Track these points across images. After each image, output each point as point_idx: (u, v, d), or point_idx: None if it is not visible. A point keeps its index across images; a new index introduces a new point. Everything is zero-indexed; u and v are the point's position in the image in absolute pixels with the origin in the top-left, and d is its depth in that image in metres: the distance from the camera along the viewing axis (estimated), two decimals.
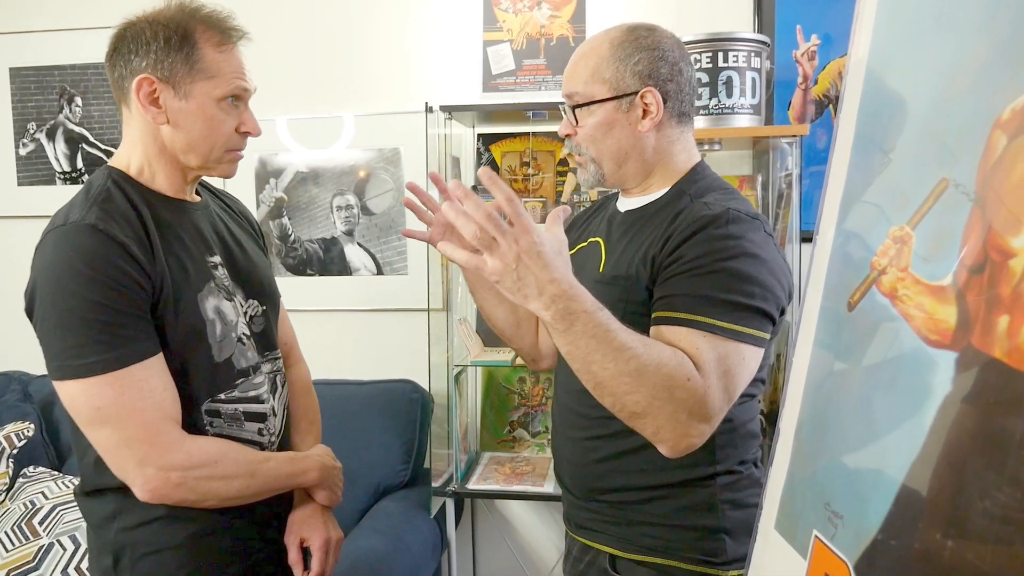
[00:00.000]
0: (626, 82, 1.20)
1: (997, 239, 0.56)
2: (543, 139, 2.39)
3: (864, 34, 0.83)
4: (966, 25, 0.65)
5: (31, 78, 2.66)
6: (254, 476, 1.19)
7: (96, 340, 1.06)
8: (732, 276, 1.09)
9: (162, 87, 1.14)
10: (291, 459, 1.28)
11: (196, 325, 1.16)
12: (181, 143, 1.17)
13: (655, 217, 1.22)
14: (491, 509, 2.55)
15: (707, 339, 1.06)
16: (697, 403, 1.02)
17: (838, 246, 0.84)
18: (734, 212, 1.13)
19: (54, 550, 2.01)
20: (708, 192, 1.21)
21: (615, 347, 0.98)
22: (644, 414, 1.02)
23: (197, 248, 1.21)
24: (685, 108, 1.24)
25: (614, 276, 1.22)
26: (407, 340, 2.49)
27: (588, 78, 1.21)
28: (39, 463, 2.33)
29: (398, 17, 2.46)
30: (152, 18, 1.16)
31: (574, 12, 2.26)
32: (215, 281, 1.21)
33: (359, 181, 2.51)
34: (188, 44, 1.13)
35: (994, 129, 0.58)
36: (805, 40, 2.15)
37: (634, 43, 1.20)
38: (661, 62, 1.20)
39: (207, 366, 1.18)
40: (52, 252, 1.09)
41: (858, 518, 0.71)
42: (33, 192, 2.70)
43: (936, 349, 0.62)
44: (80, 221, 1.08)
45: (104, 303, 1.06)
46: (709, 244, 1.11)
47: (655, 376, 0.99)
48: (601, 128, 1.21)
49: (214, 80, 1.15)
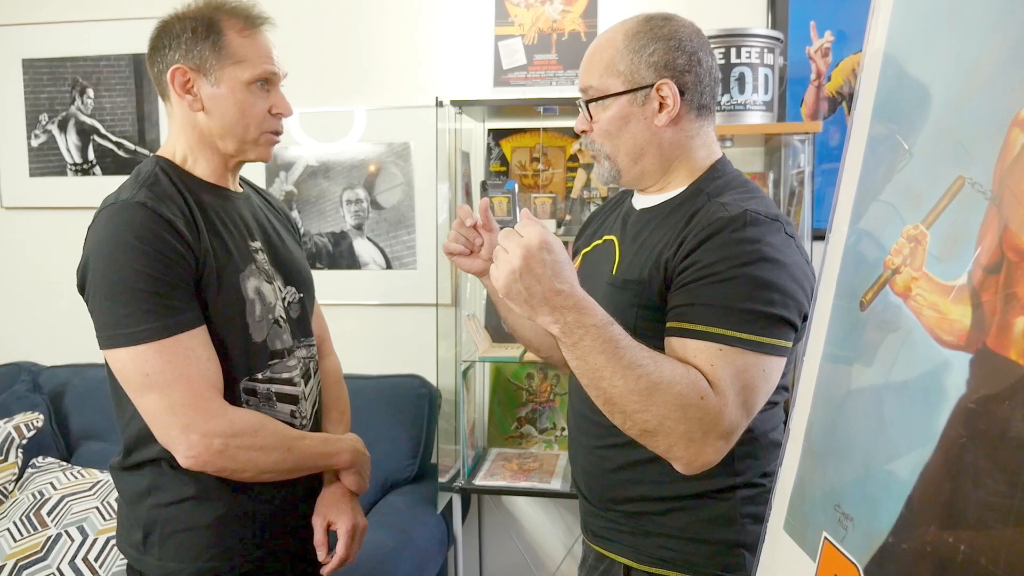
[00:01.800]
0: (641, 74, 1.14)
1: (1014, 238, 0.55)
2: (553, 135, 2.38)
3: (880, 30, 0.82)
4: (982, 22, 0.64)
5: (43, 69, 2.67)
6: (291, 450, 1.23)
7: (145, 310, 1.11)
8: (750, 283, 1.04)
9: (195, 76, 1.21)
10: (325, 440, 1.32)
11: (237, 303, 1.22)
12: (217, 128, 1.23)
13: (670, 217, 1.17)
14: (498, 505, 2.55)
15: (723, 353, 1.02)
16: (712, 421, 0.99)
17: (851, 245, 0.83)
18: (752, 214, 1.07)
19: (62, 541, 2.02)
20: (727, 190, 1.15)
21: (625, 364, 0.97)
22: (656, 432, 1.00)
23: (239, 232, 1.27)
24: (705, 101, 1.18)
25: (626, 280, 1.17)
26: (415, 335, 2.49)
27: (603, 71, 1.16)
28: (48, 454, 2.34)
29: (409, 11, 2.46)
30: (181, 13, 1.23)
31: (586, 7, 2.25)
32: (256, 264, 1.27)
33: (369, 175, 2.51)
34: (214, 32, 1.20)
35: (1012, 127, 0.57)
36: (819, 36, 2.14)
37: (649, 33, 1.14)
38: (678, 52, 1.14)
39: (245, 344, 1.23)
40: (103, 228, 1.15)
41: (869, 520, 0.70)
42: (45, 183, 2.71)
43: (950, 350, 0.61)
44: (130, 199, 1.15)
45: (153, 274, 1.11)
46: (726, 249, 1.05)
47: (666, 395, 0.98)
48: (616, 123, 1.16)
49: (242, 64, 1.21)
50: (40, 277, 2.75)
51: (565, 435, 2.42)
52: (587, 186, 2.22)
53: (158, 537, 1.22)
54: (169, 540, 1.21)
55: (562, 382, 2.43)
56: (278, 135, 1.29)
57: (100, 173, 2.68)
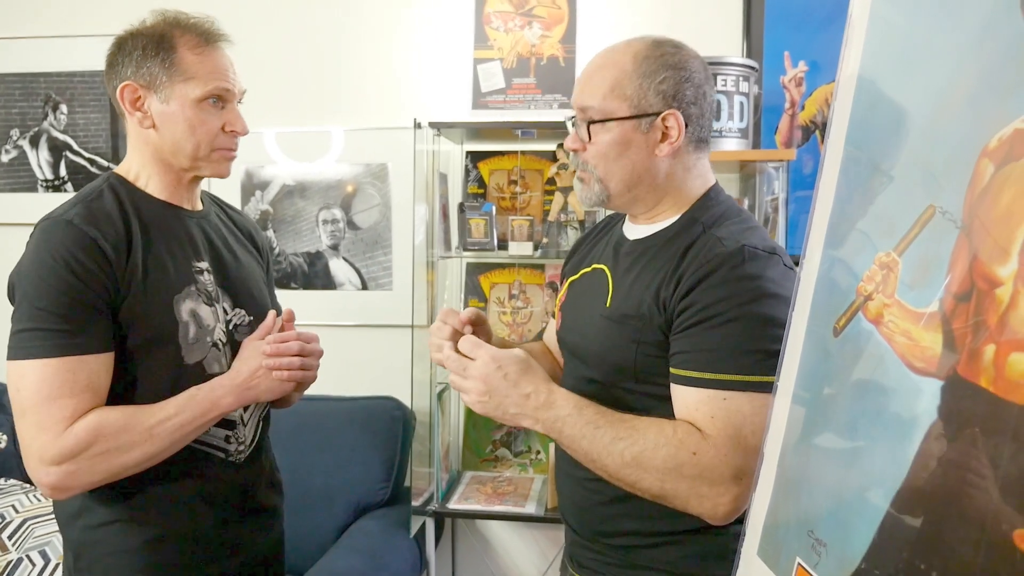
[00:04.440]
0: (648, 101, 1.10)
1: (983, 267, 0.56)
2: (531, 158, 2.39)
3: (853, 59, 0.83)
4: (955, 53, 0.65)
5: (16, 84, 2.64)
6: (153, 435, 1.14)
7: (39, 328, 1.10)
8: (754, 323, 1.02)
9: (145, 93, 1.20)
10: (191, 397, 1.18)
11: (167, 325, 1.19)
12: (168, 145, 1.21)
13: (665, 249, 1.13)
14: (472, 529, 2.52)
15: (728, 401, 1.01)
16: (713, 473, 1.00)
17: (824, 271, 0.84)
18: (750, 249, 1.04)
19: (23, 565, 1.97)
20: (722, 221, 1.12)
21: (606, 443, 1.02)
22: (663, 496, 1.03)
23: (184, 252, 1.24)
24: (704, 134, 1.16)
25: (624, 315, 1.13)
26: (390, 356, 2.48)
27: (607, 92, 1.11)
28: (10, 475, 2.28)
29: (389, 33, 2.47)
30: (135, 30, 1.22)
31: (565, 32, 2.27)
32: (197, 285, 1.24)
33: (346, 196, 2.50)
34: (165, 49, 1.19)
35: (981, 157, 0.58)
36: (793, 66, 2.18)
37: (660, 59, 1.11)
38: (687, 84, 1.12)
39: (175, 367, 1.20)
40: (31, 243, 1.16)
41: (842, 546, 0.70)
42: (14, 199, 2.67)
43: (921, 376, 0.62)
44: (60, 217, 1.14)
45: (57, 295, 1.10)
46: (725, 288, 1.03)
47: (655, 459, 1.01)
48: (616, 147, 1.12)
49: (192, 82, 1.19)
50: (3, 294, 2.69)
51: (540, 458, 2.41)
52: (564, 209, 2.23)
53: (87, 561, 1.19)
54: (99, 563, 1.19)
55: None
56: (232, 151, 1.26)
57: (71, 190, 2.64)
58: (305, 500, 2.17)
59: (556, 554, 2.47)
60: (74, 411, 1.10)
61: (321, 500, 2.22)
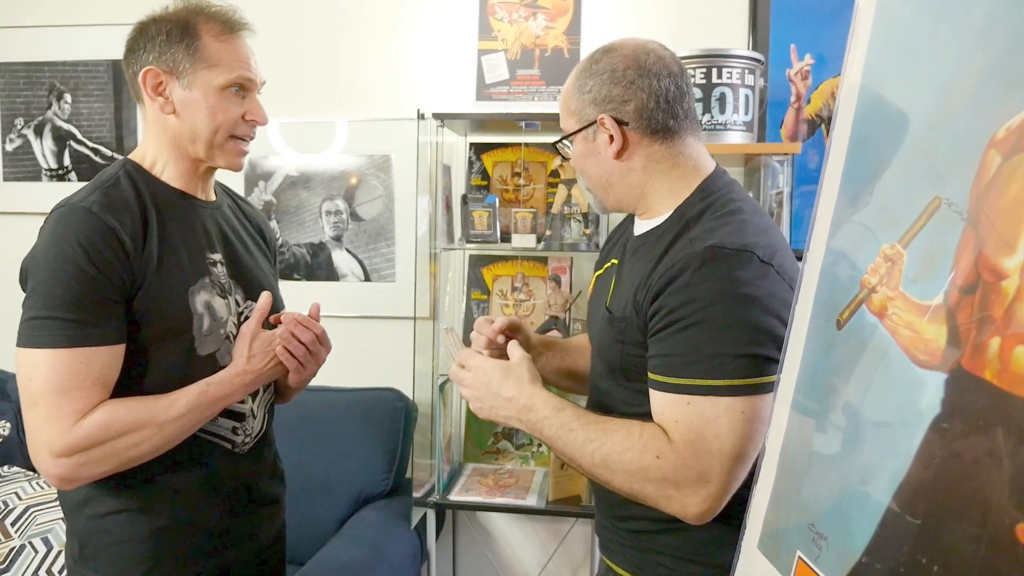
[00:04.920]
0: (586, 112, 1.17)
1: (989, 259, 0.56)
2: (535, 150, 2.38)
3: (859, 52, 0.83)
4: (961, 44, 0.64)
5: (20, 73, 2.64)
6: (162, 426, 1.14)
7: (54, 317, 1.09)
8: (712, 326, 1.03)
9: (167, 78, 1.19)
10: (204, 388, 1.18)
11: (181, 317, 1.18)
12: (188, 132, 1.21)
13: (654, 247, 1.15)
14: (472, 521, 2.52)
15: (692, 405, 1.03)
16: (677, 476, 1.03)
17: (828, 264, 0.83)
18: (715, 249, 1.04)
19: (25, 552, 1.98)
20: (702, 216, 1.12)
21: (578, 444, 1.09)
22: (634, 496, 1.08)
23: (198, 243, 1.24)
24: (659, 124, 1.15)
25: (612, 316, 1.18)
26: (393, 348, 2.48)
27: (564, 113, 1.21)
28: (14, 463, 2.29)
29: (393, 24, 2.46)
30: (158, 16, 1.21)
31: (569, 24, 2.26)
32: (211, 277, 1.24)
33: (349, 187, 2.50)
34: (189, 35, 1.19)
35: (988, 148, 0.57)
36: (799, 59, 2.16)
37: (587, 71, 1.17)
38: (612, 85, 1.14)
39: (187, 358, 1.19)
40: (47, 230, 1.13)
41: (843, 539, 0.70)
42: (18, 188, 2.67)
43: (925, 370, 0.61)
44: (78, 204, 1.12)
45: (74, 284, 1.09)
46: (687, 292, 1.04)
47: (621, 461, 1.06)
48: (579, 160, 1.21)
49: (216, 69, 1.19)
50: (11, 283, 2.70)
51: (542, 451, 2.41)
52: (567, 202, 2.22)
53: (93, 550, 1.19)
54: (104, 552, 1.18)
55: None
56: (247, 143, 1.26)
57: (76, 179, 2.64)
58: (306, 491, 2.18)
59: (556, 546, 2.47)
60: (85, 404, 1.09)
61: (322, 491, 2.22)
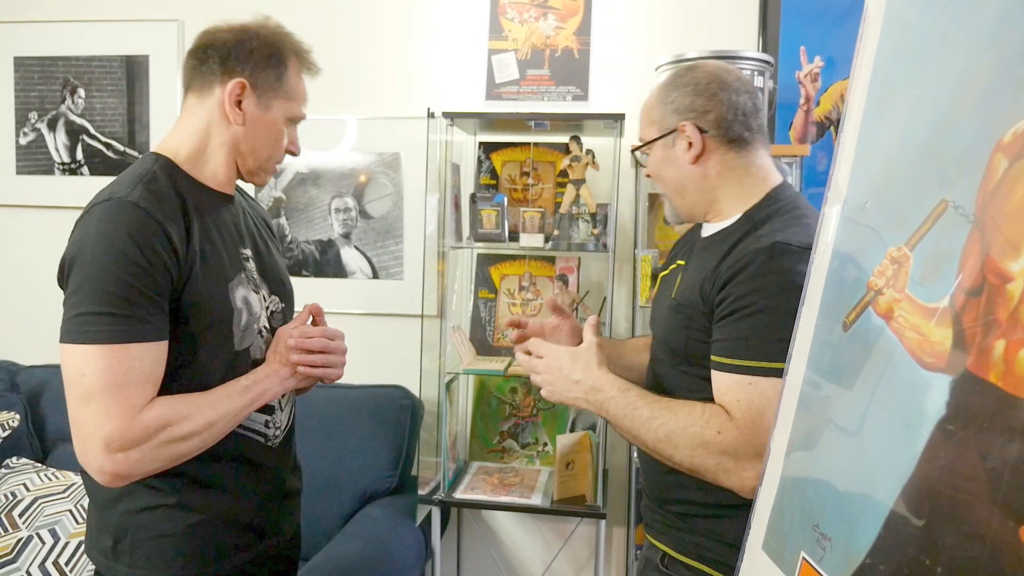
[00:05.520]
0: (668, 120, 1.28)
1: (995, 262, 0.56)
2: (544, 150, 2.39)
3: (867, 55, 0.83)
4: (970, 47, 0.65)
5: (35, 68, 2.66)
6: (212, 424, 1.17)
7: (107, 312, 1.08)
8: (779, 313, 1.10)
9: (249, 94, 1.24)
10: (245, 388, 1.22)
11: (223, 312, 1.20)
12: (247, 145, 1.26)
13: (721, 244, 1.25)
14: (477, 519, 2.53)
15: (753, 385, 1.12)
16: (737, 450, 1.11)
17: (835, 266, 0.83)
18: (782, 245, 1.14)
19: (32, 543, 1.99)
20: (770, 218, 1.21)
21: (643, 420, 1.19)
22: (695, 469, 1.16)
23: (232, 239, 1.27)
24: (735, 134, 1.26)
25: (679, 304, 1.29)
26: (400, 345, 2.48)
27: (645, 123, 1.32)
28: (23, 454, 2.31)
29: (404, 23, 2.47)
30: (252, 31, 1.25)
31: (580, 24, 2.27)
32: (246, 273, 1.27)
33: (359, 184, 2.51)
34: (281, 65, 1.26)
35: (995, 151, 0.58)
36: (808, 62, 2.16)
37: (672, 83, 1.29)
38: (695, 96, 1.26)
39: (227, 353, 1.22)
40: (94, 224, 1.12)
41: (847, 541, 0.70)
42: (31, 182, 2.69)
43: (931, 372, 0.61)
44: (125, 197, 1.12)
45: (127, 279, 1.09)
46: (755, 281, 1.14)
47: (684, 436, 1.15)
48: (657, 165, 1.31)
49: (291, 102, 1.28)
50: (23, 275, 2.73)
51: (547, 451, 2.41)
52: (576, 202, 2.22)
53: (128, 544, 1.19)
54: (140, 547, 1.19)
55: None
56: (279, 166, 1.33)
57: (88, 173, 2.66)
58: (312, 486, 2.16)
59: (561, 546, 2.47)
60: (141, 399, 1.10)
61: (328, 487, 2.23)
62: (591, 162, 2.20)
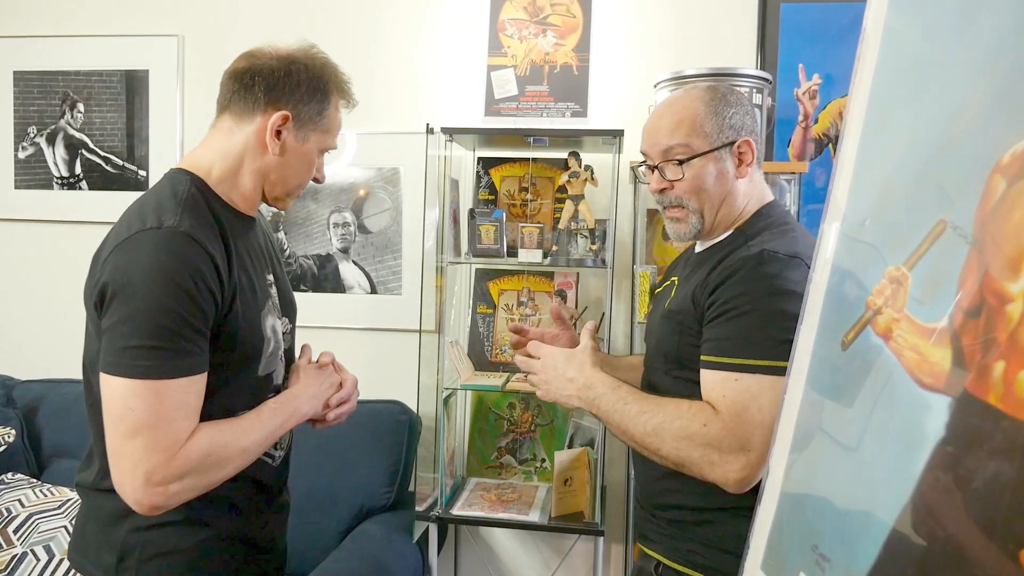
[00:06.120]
0: (724, 134, 1.30)
1: (994, 283, 0.56)
2: (543, 165, 2.39)
3: (866, 74, 0.83)
4: (967, 69, 0.65)
5: (34, 82, 2.67)
6: (245, 451, 1.18)
7: (158, 347, 1.07)
8: (764, 315, 1.17)
9: (290, 126, 1.23)
10: (273, 412, 1.24)
11: (256, 341, 1.22)
12: (278, 174, 1.25)
13: (713, 256, 1.31)
14: (475, 536, 2.51)
15: (739, 381, 1.17)
16: (721, 442, 1.15)
17: (833, 284, 0.83)
18: (769, 252, 1.21)
19: (27, 560, 1.98)
20: (761, 232, 1.29)
21: (631, 415, 1.24)
22: (681, 463, 1.20)
23: (260, 265, 1.28)
24: (760, 154, 1.36)
25: (671, 311, 1.34)
26: (398, 360, 2.48)
27: (688, 132, 1.29)
28: (18, 470, 2.29)
29: (403, 39, 2.48)
30: (303, 64, 1.24)
31: (579, 41, 2.28)
32: (272, 300, 1.28)
33: (357, 199, 2.51)
34: (324, 100, 1.26)
35: (994, 172, 0.58)
36: (807, 79, 2.17)
37: (724, 99, 1.32)
38: (748, 116, 1.33)
39: (253, 379, 1.23)
40: (145, 253, 1.10)
41: (846, 561, 0.70)
42: (30, 196, 2.69)
43: (930, 392, 0.61)
44: (176, 228, 1.11)
45: (179, 312, 1.08)
46: (742, 285, 1.20)
47: (670, 430, 1.20)
48: (703, 179, 1.30)
49: (327, 135, 1.28)
50: (21, 290, 2.72)
51: (545, 467, 2.40)
52: (574, 217, 2.23)
53: (135, 561, 1.18)
54: (147, 564, 1.18)
55: (543, 413, 2.41)
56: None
57: (86, 188, 2.66)
58: (309, 502, 2.17)
59: (559, 563, 2.46)
60: (186, 432, 1.10)
61: (325, 503, 2.22)
62: (590, 178, 2.20)
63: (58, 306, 2.65)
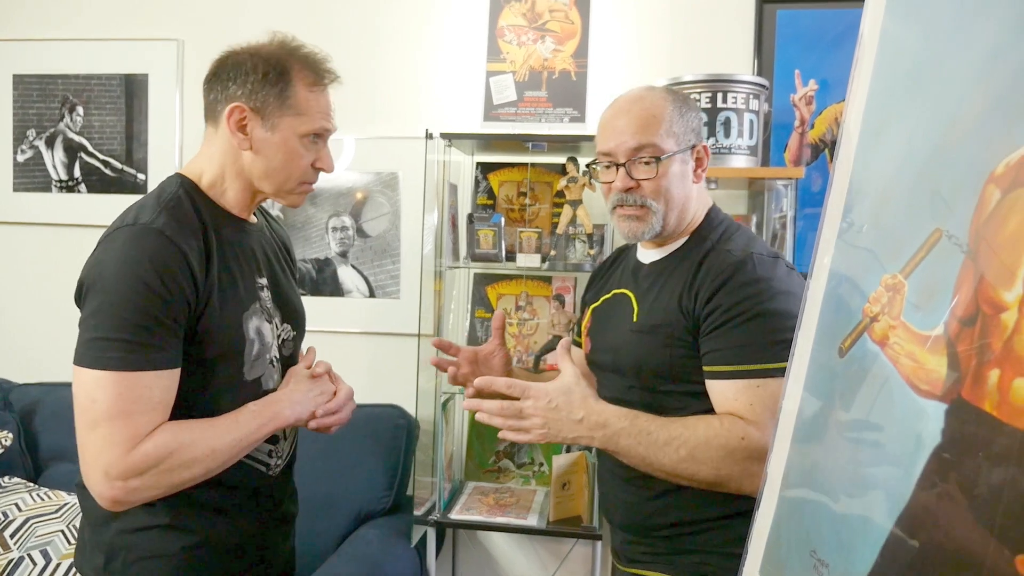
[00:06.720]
0: (688, 136, 1.30)
1: (989, 292, 0.56)
2: (541, 170, 2.40)
3: (863, 80, 0.84)
4: (963, 77, 0.65)
5: (34, 85, 2.67)
6: (215, 451, 1.15)
7: (123, 339, 1.08)
8: (772, 317, 1.17)
9: (251, 116, 1.19)
10: (253, 414, 1.21)
11: (236, 343, 1.20)
12: (259, 170, 1.22)
13: (681, 265, 1.30)
14: (473, 540, 2.51)
15: (762, 387, 1.15)
16: (762, 452, 1.09)
17: (831, 290, 0.84)
18: (757, 256, 1.22)
19: (24, 564, 1.97)
20: (727, 236, 1.29)
21: (660, 444, 1.16)
22: (719, 482, 1.17)
23: (249, 268, 1.26)
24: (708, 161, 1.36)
25: (652, 325, 1.28)
26: (396, 365, 2.48)
27: (663, 132, 1.27)
28: (15, 473, 2.29)
29: (402, 44, 2.49)
30: (254, 51, 1.21)
31: (577, 47, 2.28)
32: (260, 303, 1.26)
33: (356, 203, 2.51)
34: (283, 81, 1.20)
35: (988, 182, 0.58)
36: (803, 85, 2.18)
37: (686, 102, 1.32)
38: (699, 121, 1.34)
39: (236, 382, 1.21)
40: (117, 249, 1.11)
41: (844, 566, 0.70)
42: (28, 199, 2.69)
43: (926, 399, 0.62)
44: (149, 224, 1.12)
45: (145, 307, 1.08)
46: (742, 291, 1.19)
47: (708, 450, 1.15)
48: (668, 179, 1.28)
49: (301, 117, 1.21)
50: (18, 293, 2.72)
51: (543, 471, 2.40)
52: (573, 222, 2.23)
53: (120, 563, 1.18)
54: (132, 567, 1.18)
55: None
56: (311, 185, 1.29)
57: (85, 191, 2.66)
58: (307, 507, 2.15)
59: (557, 567, 2.46)
60: (146, 427, 1.09)
61: (323, 507, 2.22)
62: (588, 183, 2.21)
63: (56, 309, 2.64)
